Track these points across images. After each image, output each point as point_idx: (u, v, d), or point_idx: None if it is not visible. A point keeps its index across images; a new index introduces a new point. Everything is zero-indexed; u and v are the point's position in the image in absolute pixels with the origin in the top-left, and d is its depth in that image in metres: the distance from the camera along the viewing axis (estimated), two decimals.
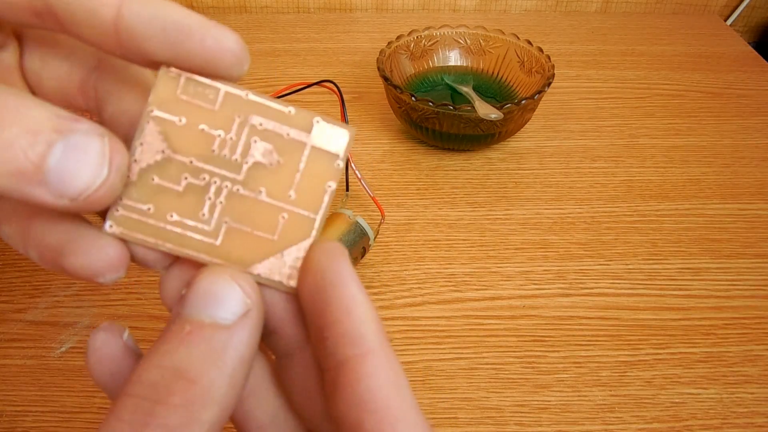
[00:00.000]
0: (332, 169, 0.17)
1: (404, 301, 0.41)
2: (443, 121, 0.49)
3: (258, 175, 0.17)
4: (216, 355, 0.15)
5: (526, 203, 0.49)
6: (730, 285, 0.43)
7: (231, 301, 0.16)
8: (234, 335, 0.16)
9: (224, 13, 0.76)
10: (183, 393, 0.15)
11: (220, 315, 0.16)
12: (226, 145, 0.17)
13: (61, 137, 0.14)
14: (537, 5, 0.79)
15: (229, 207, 0.17)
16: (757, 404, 0.36)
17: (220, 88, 0.17)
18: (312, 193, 0.17)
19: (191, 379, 0.15)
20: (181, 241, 0.17)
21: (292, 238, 0.17)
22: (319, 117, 0.17)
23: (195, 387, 0.15)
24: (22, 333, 0.39)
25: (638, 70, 0.67)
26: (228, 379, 0.15)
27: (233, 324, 0.16)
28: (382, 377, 0.15)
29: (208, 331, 0.16)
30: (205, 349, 0.15)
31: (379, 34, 0.72)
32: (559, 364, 0.38)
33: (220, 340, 0.16)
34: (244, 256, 0.17)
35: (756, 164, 0.54)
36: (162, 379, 0.15)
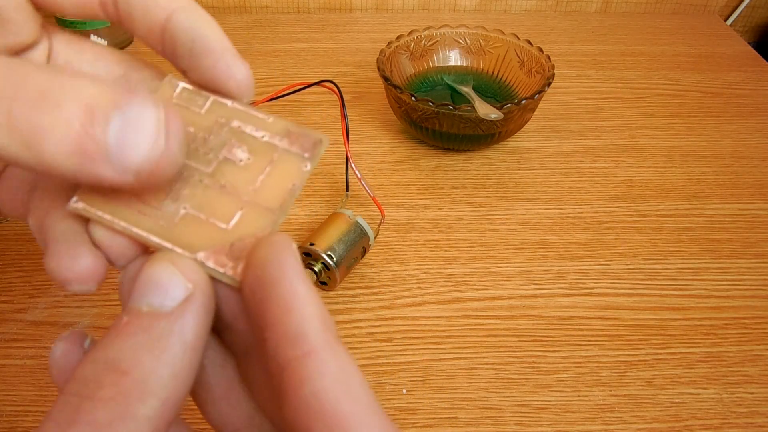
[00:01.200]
0: (299, 171, 0.18)
1: (404, 301, 0.41)
2: (443, 121, 0.49)
3: (226, 170, 0.18)
4: (153, 344, 0.14)
5: (526, 203, 0.49)
6: (730, 285, 0.43)
7: (170, 286, 0.15)
8: (175, 322, 0.15)
9: (224, 13, 0.76)
10: (113, 386, 0.14)
11: (158, 302, 0.15)
12: (204, 143, 0.18)
13: (118, 111, 0.14)
14: (537, 5, 0.78)
15: (191, 195, 0.18)
16: (757, 404, 0.36)
17: (209, 97, 0.19)
18: (275, 190, 0.18)
19: (123, 370, 0.14)
20: (136, 221, 0.17)
21: (245, 230, 0.17)
22: (295, 125, 0.18)
23: (127, 379, 0.14)
24: (22, 333, 0.39)
25: (638, 70, 0.67)
26: (169, 368, 0.14)
27: (174, 310, 0.15)
28: (328, 379, 0.14)
29: (146, 320, 0.15)
30: (141, 338, 0.15)
31: (379, 34, 0.72)
32: (559, 364, 0.38)
33: (159, 328, 0.15)
34: (193, 242, 0.17)
35: (756, 164, 0.54)
36: (93, 373, 0.14)
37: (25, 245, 0.44)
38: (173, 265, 0.16)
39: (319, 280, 0.41)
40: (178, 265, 0.16)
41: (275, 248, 0.16)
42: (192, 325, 0.15)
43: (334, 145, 0.54)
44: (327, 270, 0.40)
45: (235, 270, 0.17)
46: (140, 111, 0.14)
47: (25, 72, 0.14)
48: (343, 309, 0.41)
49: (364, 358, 0.38)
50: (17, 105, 0.14)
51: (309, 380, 0.14)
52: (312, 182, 0.50)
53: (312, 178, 0.51)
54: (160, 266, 0.16)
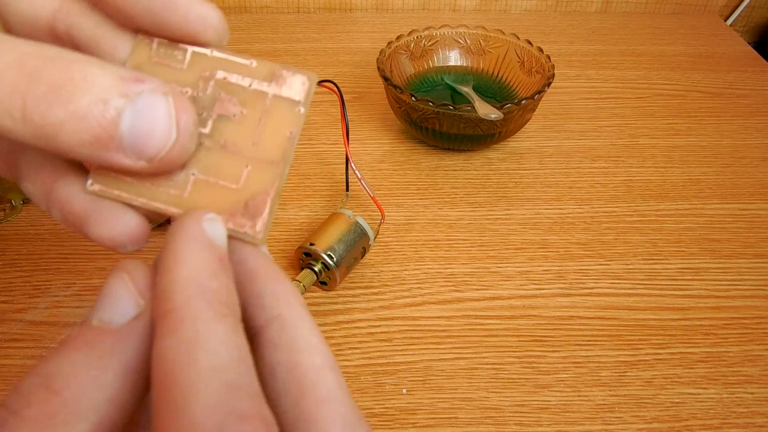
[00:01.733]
0: (294, 116, 0.18)
1: (404, 301, 0.41)
2: (443, 121, 0.49)
3: (223, 127, 0.17)
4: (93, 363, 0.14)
5: (526, 203, 0.49)
6: (730, 285, 0.43)
7: (121, 301, 0.15)
8: (120, 341, 0.14)
9: (224, 13, 0.75)
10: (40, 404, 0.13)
11: (107, 317, 0.14)
12: (194, 101, 0.17)
13: (128, 101, 0.14)
14: (537, 5, 0.78)
15: (195, 160, 0.17)
16: (757, 404, 0.36)
17: (188, 49, 0.18)
18: (275, 141, 0.17)
19: (54, 389, 0.13)
20: (153, 195, 0.17)
21: (256, 186, 0.17)
22: (279, 66, 0.18)
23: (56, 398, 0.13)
24: (22, 333, 0.39)
25: (638, 70, 0.67)
26: (105, 391, 0.14)
27: (122, 327, 0.14)
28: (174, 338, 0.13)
29: (92, 335, 0.14)
30: (82, 355, 0.14)
31: (379, 34, 0.72)
32: (559, 364, 0.38)
33: (103, 346, 0.14)
34: (209, 207, 0.17)
35: (756, 164, 0.54)
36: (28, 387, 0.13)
37: (25, 245, 0.44)
38: (129, 276, 0.15)
39: (319, 280, 0.41)
40: (133, 277, 0.15)
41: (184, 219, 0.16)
42: (137, 345, 0.14)
43: (334, 145, 0.54)
44: (327, 270, 0.40)
45: (254, 228, 0.17)
46: (150, 102, 0.15)
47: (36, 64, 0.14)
48: (343, 309, 0.41)
49: (364, 358, 0.38)
50: (30, 99, 0.14)
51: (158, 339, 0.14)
52: (312, 182, 0.50)
53: (312, 177, 0.51)
54: (118, 279, 0.15)
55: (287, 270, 0.43)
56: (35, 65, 0.14)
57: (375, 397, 0.36)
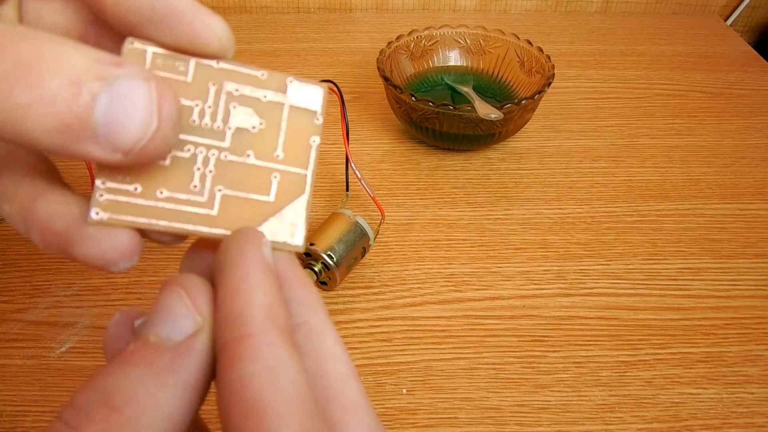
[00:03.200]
0: (313, 125, 0.18)
1: (404, 301, 0.41)
2: (443, 121, 0.49)
3: (243, 139, 0.17)
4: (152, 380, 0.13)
5: (526, 203, 0.49)
6: (730, 285, 0.43)
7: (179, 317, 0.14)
8: (179, 358, 0.14)
9: (224, 13, 0.76)
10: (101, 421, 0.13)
11: (164, 333, 0.14)
12: (205, 114, 0.17)
13: (104, 85, 0.13)
14: (537, 5, 0.78)
15: (219, 175, 0.17)
16: (757, 404, 0.36)
17: (189, 60, 0.17)
18: (298, 150, 0.18)
19: (115, 406, 0.13)
20: (176, 217, 0.16)
21: (288, 196, 0.17)
22: (291, 77, 0.18)
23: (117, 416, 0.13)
24: (22, 333, 0.39)
25: (638, 70, 0.67)
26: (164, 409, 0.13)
27: (179, 345, 0.14)
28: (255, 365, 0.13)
29: (150, 352, 0.14)
30: (141, 371, 0.14)
31: (379, 34, 0.72)
32: (559, 364, 0.38)
33: (161, 363, 0.14)
34: (244, 222, 0.17)
35: (756, 164, 0.54)
36: (87, 402, 0.13)
37: (25, 245, 0.44)
38: (185, 293, 0.14)
39: (319, 280, 0.41)
40: (190, 293, 0.15)
41: (241, 237, 0.16)
42: (197, 362, 0.14)
43: (334, 145, 0.54)
44: (327, 270, 0.40)
45: (293, 237, 0.17)
46: (129, 87, 0.13)
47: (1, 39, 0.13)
48: (343, 309, 0.41)
49: (364, 358, 0.38)
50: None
51: (239, 362, 0.14)
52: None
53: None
54: (172, 293, 0.15)
55: None
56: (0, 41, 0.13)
57: (375, 397, 0.36)
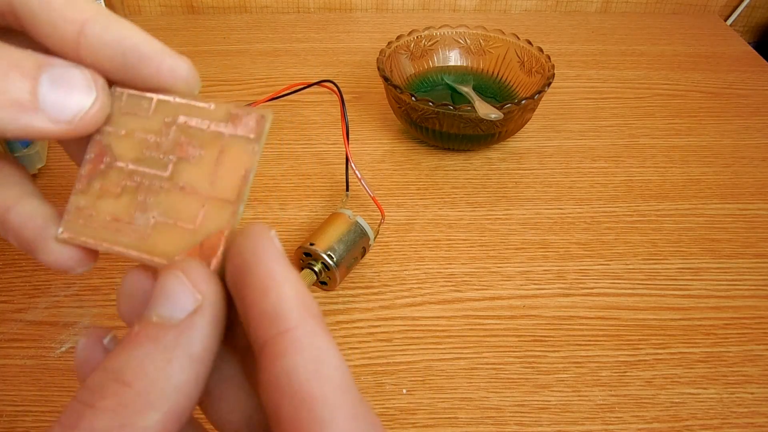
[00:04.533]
0: (249, 153, 0.18)
1: (404, 301, 0.41)
2: (443, 121, 0.49)
3: (182, 169, 0.18)
4: (159, 356, 0.14)
5: (526, 203, 0.49)
6: (730, 285, 0.43)
7: (179, 297, 0.15)
8: (182, 333, 0.15)
9: (224, 13, 0.76)
10: (114, 396, 0.14)
11: (167, 312, 0.15)
12: (157, 147, 0.18)
13: (43, 71, 0.16)
14: (537, 5, 0.78)
15: (156, 203, 0.18)
16: (757, 404, 0.36)
17: (153, 98, 0.18)
18: (229, 181, 0.18)
19: (126, 381, 0.14)
20: (116, 239, 0.18)
21: (210, 226, 0.17)
22: (235, 105, 0.18)
23: (128, 390, 0.14)
24: (22, 333, 0.39)
25: (638, 70, 0.67)
26: (173, 381, 0.14)
27: (182, 322, 0.15)
28: (300, 357, 0.14)
29: (154, 331, 0.15)
30: (147, 349, 0.15)
31: (379, 34, 0.72)
32: (559, 364, 0.38)
33: (166, 340, 0.15)
34: (167, 248, 0.18)
35: (756, 164, 0.54)
36: (99, 382, 0.14)
37: None
38: (184, 275, 0.16)
39: (319, 280, 0.41)
40: (189, 274, 0.16)
41: (251, 236, 0.16)
42: (200, 336, 0.15)
43: (334, 145, 0.54)
44: (327, 270, 0.40)
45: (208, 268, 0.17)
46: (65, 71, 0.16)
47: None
48: (343, 309, 0.41)
49: (364, 358, 0.38)
50: None
51: (282, 357, 0.14)
52: (312, 182, 0.50)
53: (312, 177, 0.51)
54: (171, 276, 0.16)
55: None
56: None
57: (375, 397, 0.36)
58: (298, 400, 0.14)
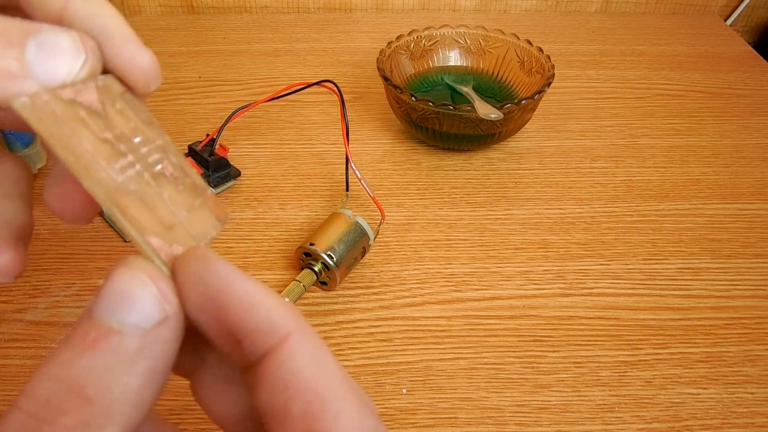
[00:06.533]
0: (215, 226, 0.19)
1: (404, 301, 0.41)
2: (443, 121, 0.49)
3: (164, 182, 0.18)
4: (122, 369, 0.14)
5: (526, 203, 0.49)
6: (730, 285, 0.43)
7: (146, 305, 0.14)
8: (146, 346, 0.14)
9: (224, 13, 0.76)
10: (77, 412, 0.13)
11: (131, 321, 0.14)
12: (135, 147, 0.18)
13: (30, 36, 0.15)
14: (537, 5, 0.78)
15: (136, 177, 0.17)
16: (757, 404, 0.36)
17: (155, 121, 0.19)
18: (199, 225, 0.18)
19: (88, 397, 0.13)
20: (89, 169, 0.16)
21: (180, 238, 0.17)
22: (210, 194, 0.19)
23: (92, 407, 0.13)
24: (22, 333, 0.39)
25: (638, 70, 0.67)
26: (134, 396, 0.14)
27: (147, 333, 0.14)
28: (304, 357, 0.15)
29: (116, 340, 0.14)
30: (109, 360, 0.14)
31: (379, 34, 0.72)
32: (559, 364, 0.38)
33: (129, 351, 0.14)
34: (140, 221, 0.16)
35: (756, 164, 0.54)
36: (55, 394, 0.13)
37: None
38: (152, 281, 0.15)
39: (319, 280, 0.41)
40: (156, 282, 0.15)
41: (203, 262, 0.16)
42: (163, 350, 0.14)
43: (334, 145, 0.54)
44: (327, 270, 0.40)
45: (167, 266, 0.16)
46: (53, 35, 0.16)
47: None
48: (343, 309, 0.41)
49: (364, 358, 0.38)
50: None
51: (287, 360, 0.15)
52: (312, 182, 0.50)
53: (312, 177, 0.51)
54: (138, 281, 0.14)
55: (287, 270, 0.43)
56: None
57: (375, 397, 0.36)
58: (309, 397, 0.14)
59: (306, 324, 0.15)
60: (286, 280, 0.42)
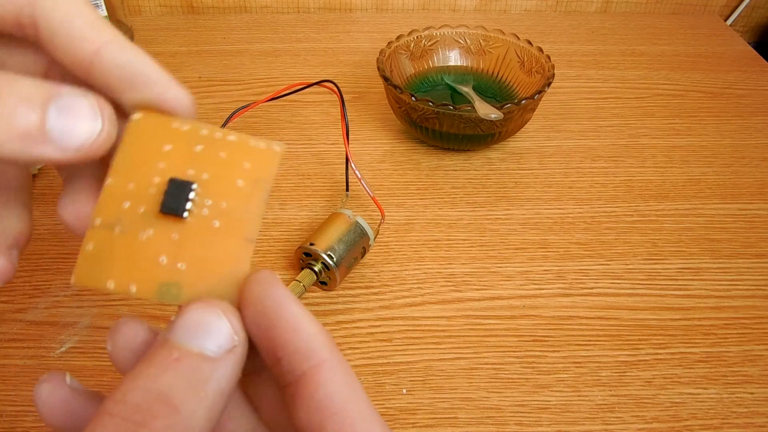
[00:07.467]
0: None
1: (404, 301, 0.41)
2: (443, 121, 0.49)
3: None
4: (199, 386, 0.16)
5: (526, 203, 0.49)
6: (730, 285, 0.43)
7: (220, 334, 0.16)
8: (218, 368, 0.16)
9: (224, 13, 0.76)
10: (166, 418, 0.15)
11: (207, 346, 0.16)
12: None
13: (51, 101, 0.16)
14: (537, 5, 0.78)
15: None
16: (757, 404, 0.36)
17: None
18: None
19: (175, 405, 0.15)
20: None
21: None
22: None
23: (178, 414, 0.15)
24: (22, 333, 0.39)
25: (638, 70, 0.67)
26: (207, 411, 0.16)
27: (219, 357, 0.16)
28: (337, 383, 0.17)
29: (195, 360, 0.16)
30: (190, 377, 0.16)
31: (379, 34, 0.72)
32: (559, 364, 0.38)
33: (205, 371, 0.16)
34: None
35: (756, 164, 0.54)
36: (146, 401, 0.15)
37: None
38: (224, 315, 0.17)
39: (319, 280, 0.41)
40: (227, 314, 0.17)
41: (265, 283, 0.18)
42: (231, 374, 0.16)
43: (334, 145, 0.54)
44: (327, 270, 0.40)
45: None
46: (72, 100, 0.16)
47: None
48: (343, 309, 0.41)
49: (364, 358, 0.38)
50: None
51: (323, 385, 0.16)
52: (312, 182, 0.50)
53: (312, 177, 0.51)
54: (213, 313, 0.17)
55: (287, 270, 0.43)
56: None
57: (375, 397, 0.36)
58: (340, 419, 0.16)
59: (339, 353, 0.17)
60: (286, 280, 0.42)
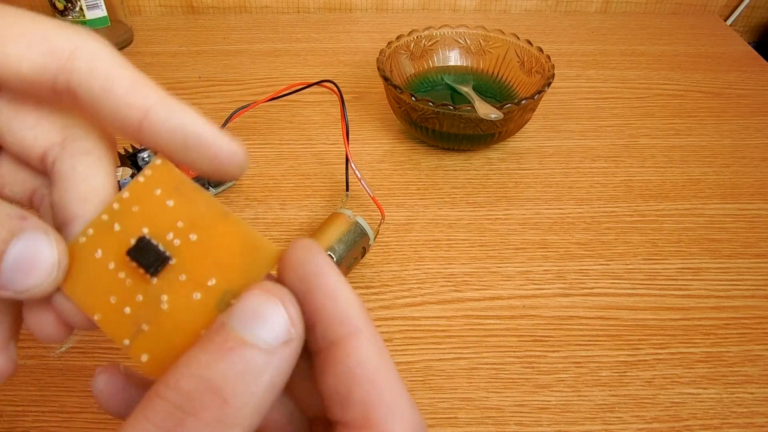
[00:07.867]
0: None
1: (404, 301, 0.41)
2: (443, 121, 0.49)
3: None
4: (251, 378, 0.15)
5: (526, 203, 0.49)
6: (730, 285, 0.43)
7: (276, 325, 0.16)
8: (272, 361, 0.16)
9: (224, 13, 0.76)
10: (215, 410, 0.15)
11: (263, 337, 0.16)
12: None
13: (13, 237, 0.16)
14: (537, 5, 0.79)
15: None
16: (757, 404, 0.36)
17: None
18: None
19: (225, 397, 0.15)
20: None
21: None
22: None
23: (227, 406, 0.15)
24: (22, 333, 0.39)
25: (638, 70, 0.67)
26: (257, 405, 0.15)
27: (274, 349, 0.16)
28: (370, 352, 0.17)
29: (249, 351, 0.15)
30: (242, 368, 0.15)
31: (379, 34, 0.72)
32: (559, 364, 0.38)
33: (258, 363, 0.15)
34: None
35: (756, 164, 0.54)
36: (196, 391, 0.15)
37: None
38: (282, 305, 0.16)
39: None
40: (287, 306, 0.16)
41: (308, 250, 0.17)
42: (283, 367, 0.16)
43: (334, 145, 0.54)
44: None
45: None
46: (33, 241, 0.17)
47: None
48: None
49: None
50: None
51: (355, 352, 0.16)
52: (312, 182, 0.50)
53: (312, 177, 0.51)
54: (273, 303, 0.16)
55: None
56: None
57: None
58: (369, 386, 0.16)
59: (373, 326, 0.17)
60: None
